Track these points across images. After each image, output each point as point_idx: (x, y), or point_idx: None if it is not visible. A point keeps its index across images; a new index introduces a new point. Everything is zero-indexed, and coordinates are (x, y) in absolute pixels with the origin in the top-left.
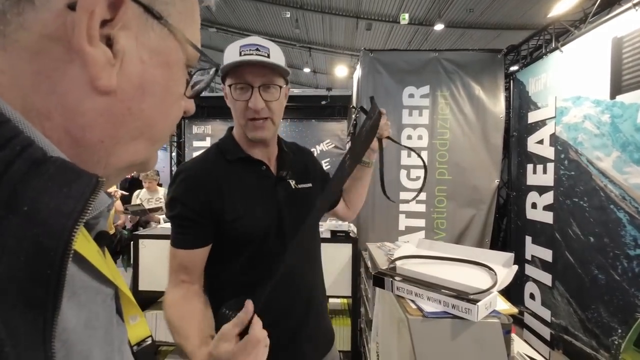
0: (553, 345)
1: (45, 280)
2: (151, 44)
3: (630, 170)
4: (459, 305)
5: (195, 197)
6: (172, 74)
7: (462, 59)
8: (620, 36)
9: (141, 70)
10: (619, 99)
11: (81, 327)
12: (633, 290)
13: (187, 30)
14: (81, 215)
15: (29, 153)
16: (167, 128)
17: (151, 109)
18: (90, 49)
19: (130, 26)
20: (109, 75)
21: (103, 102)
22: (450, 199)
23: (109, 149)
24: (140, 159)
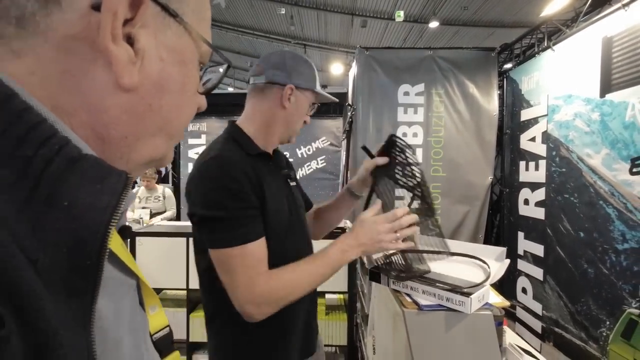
0: (544, 338)
1: (85, 271)
2: (168, 42)
3: (618, 167)
4: (453, 298)
5: (253, 186)
6: (188, 71)
7: (457, 57)
8: (610, 36)
9: (160, 68)
10: (608, 97)
11: (112, 316)
12: (621, 283)
13: (200, 27)
14: (115, 210)
15: (65, 151)
16: (183, 124)
17: (169, 105)
18: (115, 48)
19: (149, 24)
20: (131, 73)
21: (126, 99)
22: (444, 195)
23: (131, 145)
24: (159, 155)
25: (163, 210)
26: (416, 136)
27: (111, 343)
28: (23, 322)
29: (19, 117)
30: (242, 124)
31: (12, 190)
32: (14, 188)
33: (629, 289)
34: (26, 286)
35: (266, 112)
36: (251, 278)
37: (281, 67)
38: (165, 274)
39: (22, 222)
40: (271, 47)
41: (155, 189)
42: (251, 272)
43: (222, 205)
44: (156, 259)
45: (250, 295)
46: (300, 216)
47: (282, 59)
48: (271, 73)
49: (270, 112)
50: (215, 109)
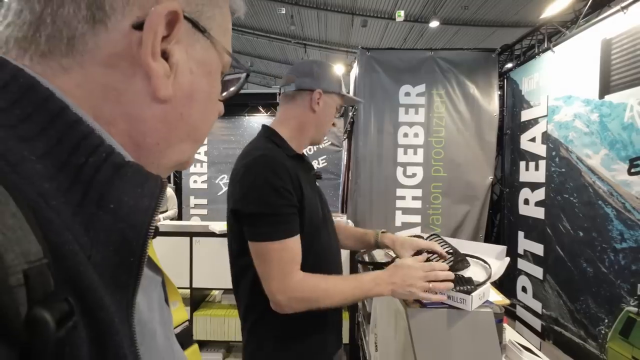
0: (544, 336)
1: (129, 267)
2: (197, 56)
3: (617, 168)
4: (455, 295)
5: (294, 186)
6: (213, 81)
7: (457, 58)
8: (609, 38)
9: (190, 80)
10: (607, 98)
11: (146, 309)
12: (619, 282)
13: (223, 40)
14: (155, 212)
15: (112, 159)
16: (207, 129)
17: (197, 113)
18: (154, 64)
19: (182, 40)
20: (166, 86)
21: (161, 109)
22: (445, 195)
23: (162, 151)
24: (185, 159)
25: (165, 209)
26: (417, 136)
27: (148, 334)
28: (86, 311)
29: (71, 128)
30: (276, 128)
31: (68, 195)
32: (69, 192)
33: (627, 287)
34: (87, 280)
35: (299, 117)
36: (287, 271)
37: (309, 74)
38: (168, 273)
39: (76, 222)
40: (271, 46)
41: None
42: (287, 266)
43: (268, 202)
44: (160, 258)
45: (283, 286)
46: (329, 215)
47: (309, 67)
48: (300, 80)
49: (302, 117)
50: None
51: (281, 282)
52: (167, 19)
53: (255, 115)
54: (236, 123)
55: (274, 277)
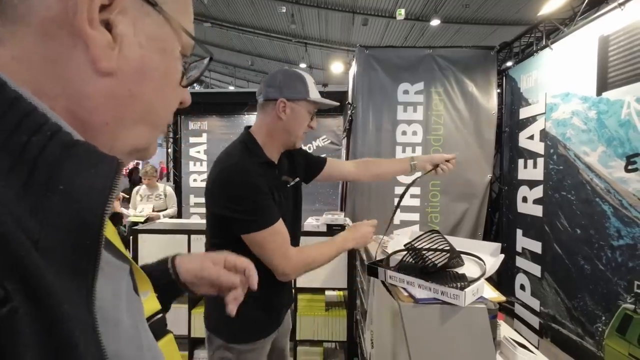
0: (542, 334)
1: (86, 250)
2: (148, 30)
3: (614, 165)
4: (448, 291)
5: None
6: (169, 61)
7: (456, 55)
8: (606, 35)
9: (140, 55)
10: (604, 95)
11: (110, 297)
12: (616, 279)
13: (181, 19)
14: (110, 193)
15: (59, 137)
16: (166, 114)
17: (151, 93)
18: (91, 32)
19: (127, 11)
20: (109, 57)
21: (106, 84)
22: (443, 193)
23: (113, 132)
24: (142, 144)
25: (164, 208)
26: (415, 134)
27: (111, 322)
28: (28, 296)
29: (11, 106)
30: (254, 133)
31: (10, 176)
32: (11, 174)
33: (624, 284)
34: (29, 263)
35: (268, 125)
36: (284, 249)
37: (273, 84)
38: None
39: (20, 206)
40: (272, 45)
41: (156, 187)
42: (283, 245)
43: (250, 199)
44: (158, 256)
45: (285, 261)
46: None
47: (274, 78)
48: (266, 91)
49: (271, 124)
50: (216, 108)
51: (283, 258)
52: None
53: (255, 114)
54: (235, 122)
55: (276, 256)
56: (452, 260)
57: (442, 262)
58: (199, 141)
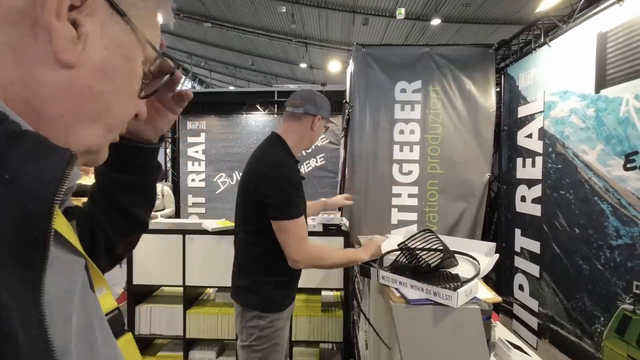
0: (540, 335)
1: (33, 241)
2: (114, 36)
3: (613, 163)
4: (440, 292)
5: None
6: (132, 68)
7: (454, 53)
8: (604, 31)
9: (103, 56)
10: (603, 93)
11: (62, 292)
12: (615, 279)
13: (147, 32)
14: (61, 183)
15: (5, 127)
16: (123, 118)
17: (111, 93)
18: (58, 24)
19: (96, 15)
20: (72, 51)
21: (65, 76)
22: (441, 192)
23: (68, 126)
24: (95, 146)
25: (162, 208)
26: (413, 133)
27: (60, 318)
28: None
29: None
30: (285, 137)
31: None
32: None
33: (623, 284)
34: None
35: (301, 132)
36: (302, 239)
37: (313, 102)
38: (161, 271)
39: None
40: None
41: None
42: (302, 235)
43: (289, 192)
44: (153, 256)
45: (300, 249)
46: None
47: (313, 97)
48: (307, 107)
49: (303, 133)
50: (214, 107)
51: (298, 247)
52: None
53: (253, 114)
54: (234, 121)
55: (293, 244)
56: (446, 260)
57: (435, 262)
58: (197, 141)
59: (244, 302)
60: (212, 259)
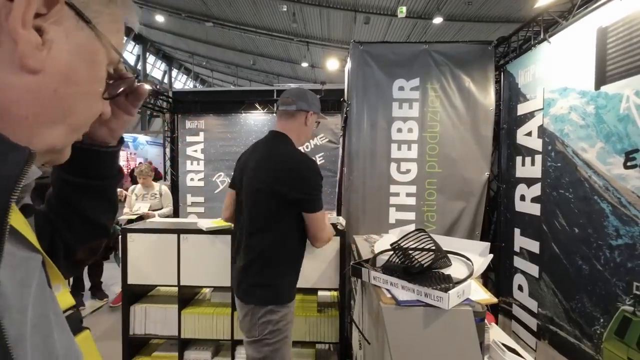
0: (539, 336)
1: None
2: (79, 42)
3: (613, 161)
4: (431, 293)
5: None
6: (96, 72)
7: (453, 51)
8: (605, 26)
9: (68, 61)
10: (603, 89)
11: (16, 286)
12: (615, 280)
13: (111, 37)
14: (18, 180)
15: None
16: (86, 119)
17: (75, 96)
18: (23, 31)
19: (61, 23)
20: (37, 57)
21: (31, 80)
22: (440, 191)
23: (32, 128)
24: (59, 145)
25: (160, 207)
26: (411, 131)
27: (15, 309)
28: None
29: None
30: (287, 134)
31: None
32: None
33: (623, 285)
34: None
35: (297, 129)
36: (327, 226)
37: (304, 99)
38: (156, 271)
39: None
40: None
41: (152, 187)
42: (327, 223)
43: (320, 186)
44: (147, 256)
45: (328, 235)
46: None
47: (304, 94)
48: (300, 104)
49: (299, 129)
50: (213, 106)
51: (328, 233)
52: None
53: (252, 113)
54: (232, 120)
55: (325, 229)
56: (439, 260)
57: (427, 263)
58: (196, 140)
59: (258, 300)
60: (207, 259)
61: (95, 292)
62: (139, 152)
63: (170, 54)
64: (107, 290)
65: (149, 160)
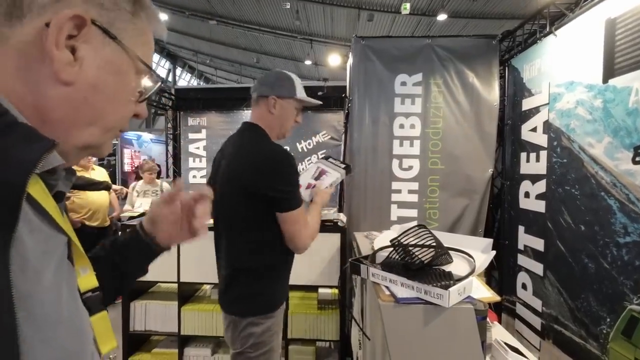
0: (544, 335)
1: (8, 203)
2: (106, 56)
3: (621, 156)
4: (431, 291)
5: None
6: (122, 79)
7: (456, 45)
8: (613, 17)
9: (96, 74)
10: (611, 82)
11: (39, 252)
12: (622, 278)
13: (139, 50)
14: (37, 162)
15: (4, 119)
16: (116, 121)
17: (103, 102)
18: (56, 52)
19: (91, 41)
20: (68, 72)
21: (64, 91)
22: (443, 188)
23: (67, 129)
24: (94, 142)
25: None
26: (413, 128)
27: (31, 269)
28: None
29: None
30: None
31: None
32: None
33: (631, 284)
34: None
35: (262, 118)
36: (305, 225)
37: (266, 83)
38: (156, 267)
39: None
40: (277, 43)
41: (154, 183)
42: (304, 221)
43: (293, 180)
44: None
45: (308, 234)
46: None
47: (267, 77)
48: (260, 89)
49: (265, 118)
50: (215, 103)
51: (306, 232)
52: (74, 22)
53: None
54: (234, 117)
55: (304, 231)
56: (440, 257)
57: (428, 259)
58: (199, 137)
59: (239, 311)
60: (208, 256)
61: None
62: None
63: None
64: None
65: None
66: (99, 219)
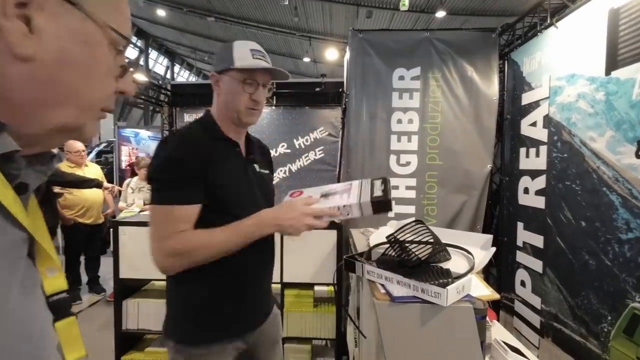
0: (543, 333)
1: None
2: (69, 25)
3: (624, 150)
4: (429, 289)
5: (196, 157)
6: (93, 52)
7: (455, 39)
8: (617, 7)
9: (59, 45)
10: (614, 74)
11: None
12: (624, 275)
13: (109, 18)
14: None
15: None
16: (94, 98)
17: (74, 78)
18: (6, 22)
19: (45, 8)
20: (26, 45)
21: (26, 68)
22: (441, 184)
23: (36, 110)
24: (71, 124)
25: None
26: (411, 122)
27: None
28: None
29: None
30: (212, 112)
31: None
32: None
33: (633, 281)
34: None
35: (216, 102)
36: (167, 233)
37: (213, 61)
38: (150, 265)
39: None
40: (275, 39)
41: None
42: (169, 228)
43: (165, 171)
44: (140, 250)
45: (161, 246)
46: (254, 197)
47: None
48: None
49: (217, 101)
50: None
51: (161, 243)
52: None
53: None
54: None
55: (156, 238)
56: (437, 254)
57: (425, 256)
58: None
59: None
60: None
61: (93, 286)
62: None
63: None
64: (104, 285)
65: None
66: (92, 216)
